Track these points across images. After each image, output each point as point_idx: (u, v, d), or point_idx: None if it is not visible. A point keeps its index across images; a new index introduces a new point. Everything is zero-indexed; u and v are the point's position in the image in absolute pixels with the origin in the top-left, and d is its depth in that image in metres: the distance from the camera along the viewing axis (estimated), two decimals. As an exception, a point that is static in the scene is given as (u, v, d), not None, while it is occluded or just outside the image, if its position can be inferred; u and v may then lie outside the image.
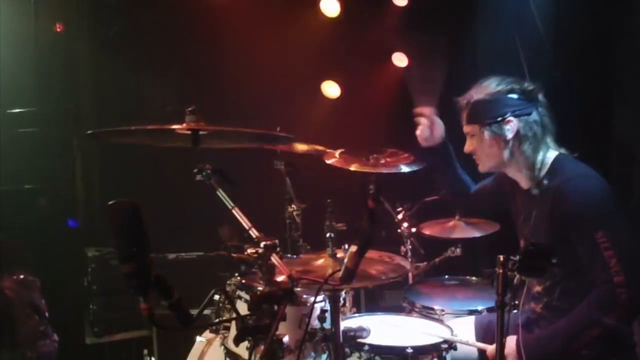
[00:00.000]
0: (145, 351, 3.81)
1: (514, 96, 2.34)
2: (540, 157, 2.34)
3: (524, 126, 2.33)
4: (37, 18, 4.34)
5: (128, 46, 4.66)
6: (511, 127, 2.33)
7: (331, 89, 5.00)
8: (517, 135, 2.33)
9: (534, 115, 2.33)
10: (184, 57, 4.80)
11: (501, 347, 1.86)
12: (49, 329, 3.29)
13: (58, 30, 4.47)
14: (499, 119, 2.33)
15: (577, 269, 2.23)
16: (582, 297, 2.21)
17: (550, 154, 2.35)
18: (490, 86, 2.37)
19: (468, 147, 2.48)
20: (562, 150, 2.38)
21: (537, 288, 2.43)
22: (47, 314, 3.30)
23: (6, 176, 4.15)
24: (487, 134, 2.36)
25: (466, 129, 2.46)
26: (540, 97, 2.36)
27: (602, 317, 2.12)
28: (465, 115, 2.44)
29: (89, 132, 2.15)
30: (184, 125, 1.95)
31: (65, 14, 4.53)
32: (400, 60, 5.01)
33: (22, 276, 3.28)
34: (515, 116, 2.32)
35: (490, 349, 2.31)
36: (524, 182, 2.43)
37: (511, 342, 2.22)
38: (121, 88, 4.74)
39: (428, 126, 2.65)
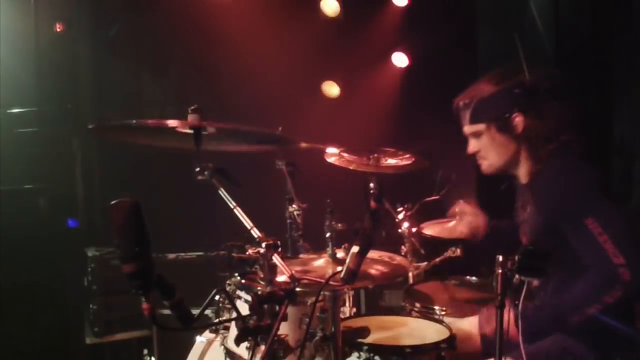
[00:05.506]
0: (145, 351, 3.81)
1: (519, 91, 2.31)
2: (542, 150, 2.32)
3: (531, 121, 2.30)
4: (37, 18, 4.32)
5: (128, 46, 4.66)
6: (518, 122, 2.31)
7: (331, 89, 5.01)
8: (525, 130, 2.31)
9: (540, 109, 2.31)
10: (184, 57, 4.80)
11: (500, 346, 1.85)
12: None
13: (58, 30, 4.45)
14: (507, 115, 2.31)
15: (566, 264, 2.21)
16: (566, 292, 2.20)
17: (549, 146, 2.32)
18: (491, 83, 2.34)
19: (473, 148, 2.43)
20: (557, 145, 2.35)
21: (535, 282, 2.43)
22: None
23: (6, 176, 4.15)
24: (495, 132, 2.34)
25: (470, 129, 2.42)
26: (544, 89, 2.33)
27: (603, 296, 2.10)
28: (469, 115, 2.39)
29: (90, 126, 2.14)
30: (186, 122, 1.95)
31: (65, 14, 4.51)
32: (400, 60, 5.02)
33: None
34: (521, 111, 2.30)
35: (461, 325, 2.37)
36: (524, 177, 2.41)
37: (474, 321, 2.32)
38: (121, 88, 4.74)
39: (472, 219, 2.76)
